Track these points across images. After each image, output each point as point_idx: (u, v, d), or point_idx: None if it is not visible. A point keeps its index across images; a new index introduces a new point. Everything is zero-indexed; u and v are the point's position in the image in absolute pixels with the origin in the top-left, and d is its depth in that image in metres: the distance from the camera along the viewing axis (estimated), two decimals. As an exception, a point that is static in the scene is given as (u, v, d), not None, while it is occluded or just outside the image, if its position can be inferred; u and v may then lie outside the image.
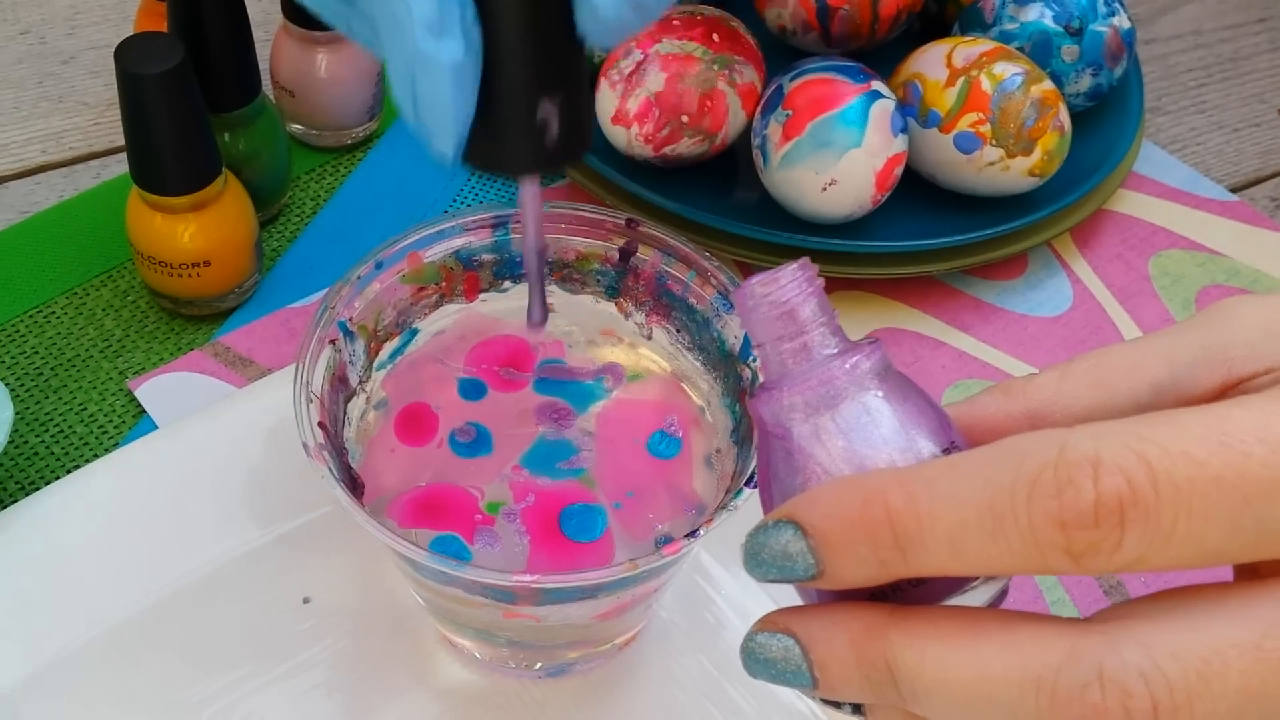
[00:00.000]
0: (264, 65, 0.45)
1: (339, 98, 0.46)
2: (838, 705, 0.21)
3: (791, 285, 0.21)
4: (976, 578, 0.20)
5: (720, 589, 0.36)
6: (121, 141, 0.47)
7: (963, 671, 0.19)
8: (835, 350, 0.21)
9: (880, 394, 0.21)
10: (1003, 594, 0.21)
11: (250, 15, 0.42)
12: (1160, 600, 0.19)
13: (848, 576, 0.19)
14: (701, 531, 0.28)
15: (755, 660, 0.21)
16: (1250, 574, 0.19)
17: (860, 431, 0.20)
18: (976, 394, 0.22)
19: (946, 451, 0.21)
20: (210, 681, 0.33)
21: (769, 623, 0.21)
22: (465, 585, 0.28)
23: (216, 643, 0.34)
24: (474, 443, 0.32)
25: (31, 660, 0.33)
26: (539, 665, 0.34)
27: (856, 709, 0.21)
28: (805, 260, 0.22)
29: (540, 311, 0.26)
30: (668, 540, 0.30)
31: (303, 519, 0.35)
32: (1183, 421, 0.18)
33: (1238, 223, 0.48)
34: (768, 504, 0.22)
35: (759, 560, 0.20)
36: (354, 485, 0.30)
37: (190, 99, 0.37)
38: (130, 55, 0.36)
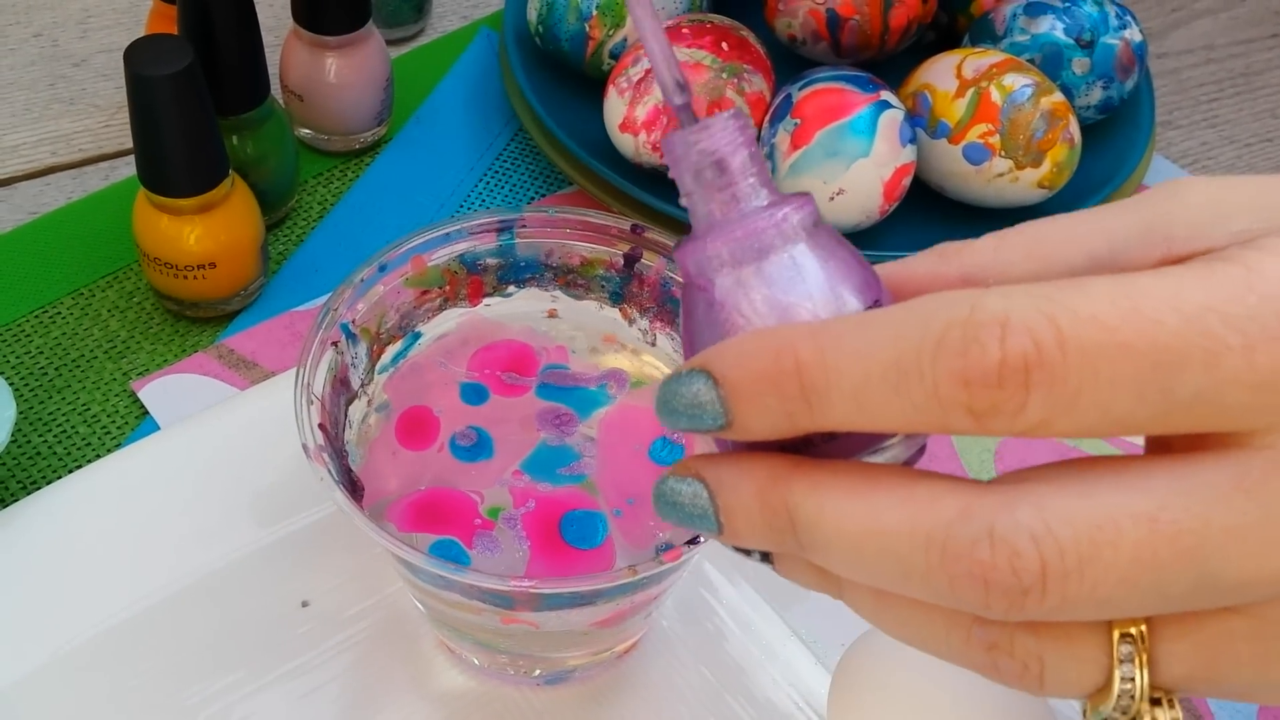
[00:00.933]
0: (274, 69, 0.46)
1: (348, 102, 0.47)
2: (747, 553, 0.21)
3: (723, 134, 0.20)
4: (889, 436, 0.20)
5: (722, 599, 0.35)
6: (131, 144, 0.47)
7: (857, 523, 0.19)
8: (765, 202, 0.20)
9: (807, 248, 0.20)
10: (919, 453, 0.21)
11: (260, 19, 0.42)
12: (1061, 467, 0.19)
13: (755, 428, 0.19)
14: (702, 539, 0.27)
15: (665, 503, 0.21)
16: (1162, 448, 0.19)
17: (784, 285, 0.20)
18: (911, 255, 0.22)
19: (871, 309, 0.20)
20: (207, 684, 0.33)
21: (681, 467, 0.21)
22: (463, 590, 0.28)
23: (214, 645, 0.34)
24: (475, 447, 0.32)
25: (30, 659, 0.33)
26: (538, 672, 0.33)
27: (765, 557, 0.21)
28: (737, 109, 0.21)
29: (676, 88, 0.21)
30: (668, 547, 0.30)
31: (302, 523, 0.35)
32: (1096, 287, 0.18)
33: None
34: (689, 356, 0.21)
35: (670, 409, 0.20)
36: (354, 488, 0.30)
37: (199, 101, 0.37)
38: (140, 57, 0.37)
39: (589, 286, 0.34)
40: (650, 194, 0.44)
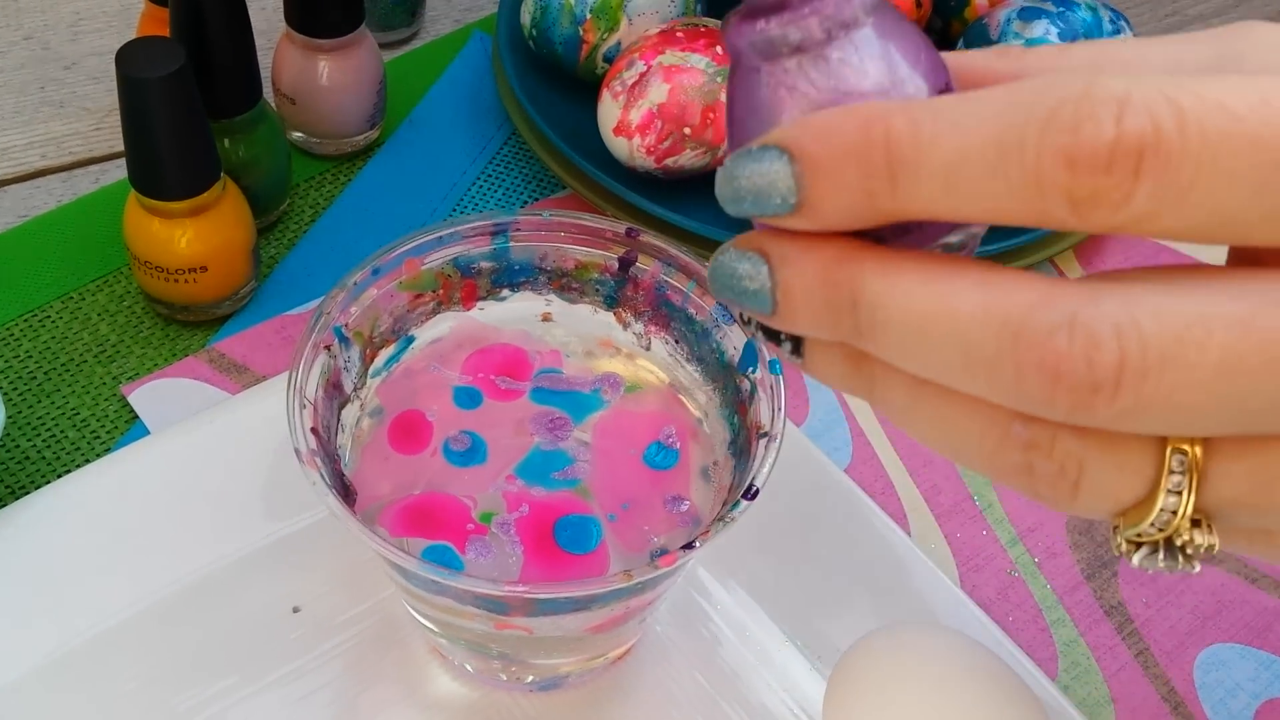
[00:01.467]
0: (266, 72, 0.45)
1: (341, 106, 0.46)
2: (778, 341, 0.20)
3: None
4: (959, 238, 0.19)
5: (716, 604, 0.35)
6: (121, 147, 0.47)
7: (929, 303, 0.18)
8: None
9: (875, 27, 0.19)
10: None
11: (253, 22, 0.41)
12: (1149, 271, 0.18)
13: (827, 211, 0.18)
14: (697, 544, 0.27)
15: (720, 276, 0.20)
16: (1251, 262, 0.18)
17: (851, 65, 0.19)
18: (968, 51, 0.21)
19: (941, 94, 0.19)
20: (199, 689, 0.33)
21: (744, 241, 0.19)
22: (456, 595, 0.28)
23: (206, 650, 0.33)
24: (468, 451, 0.31)
25: (20, 665, 0.32)
26: (531, 678, 0.33)
27: (796, 348, 0.20)
28: None
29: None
30: (663, 552, 0.30)
31: (293, 528, 0.35)
32: (1220, 79, 0.16)
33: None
34: (734, 149, 0.20)
35: (734, 189, 0.18)
36: (346, 492, 0.29)
37: (190, 104, 0.37)
38: (131, 59, 0.36)
39: (583, 290, 0.34)
40: (644, 198, 0.44)
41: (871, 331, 0.18)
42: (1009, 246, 0.44)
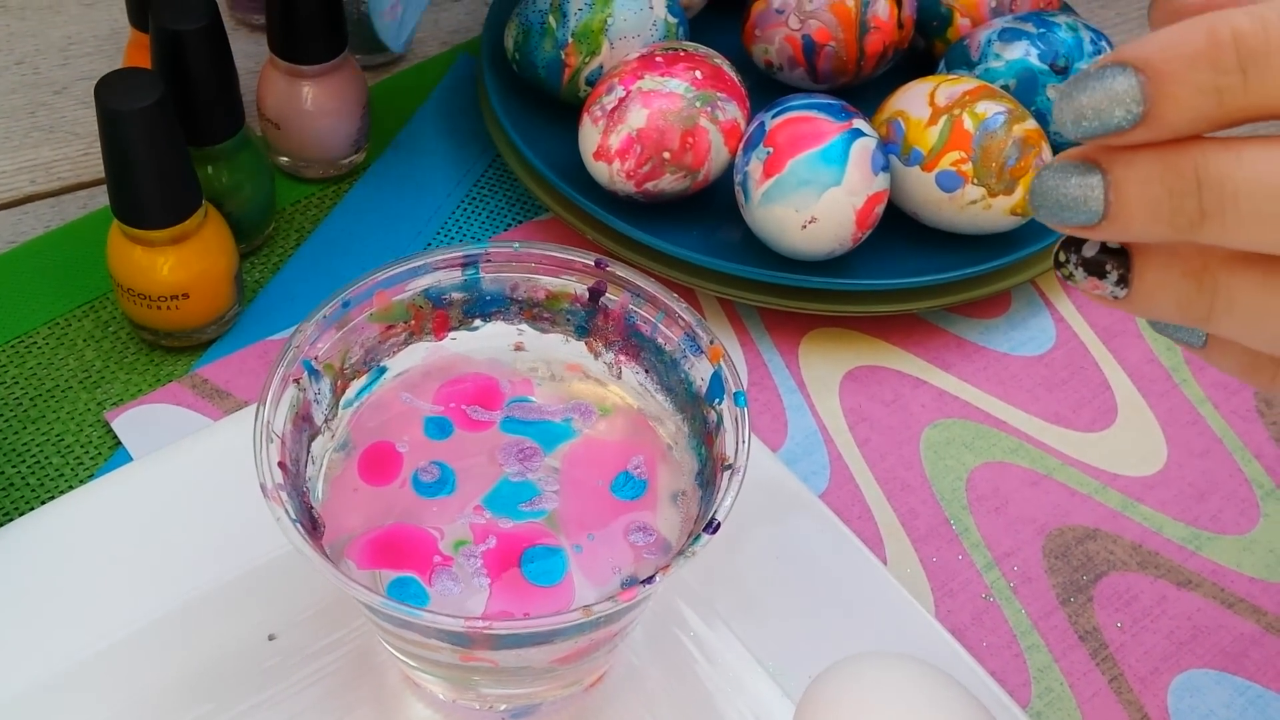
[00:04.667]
0: (250, 98, 0.46)
1: (325, 130, 0.47)
2: (1103, 274, 0.20)
3: None
4: None
5: (690, 630, 0.35)
6: (109, 172, 0.47)
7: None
8: None
9: None
10: None
11: (237, 48, 0.42)
12: None
13: (1175, 115, 0.19)
14: (658, 578, 0.27)
15: (1045, 189, 0.20)
16: None
17: None
18: None
19: None
20: (174, 716, 0.33)
21: (1070, 155, 0.20)
22: (420, 629, 0.28)
23: (181, 678, 0.34)
24: (436, 483, 0.32)
25: (-4, 694, 0.33)
26: (504, 707, 0.33)
27: (1122, 279, 0.20)
28: None
29: None
30: (627, 584, 0.30)
31: (269, 556, 0.35)
32: None
33: None
34: None
35: (1076, 109, 0.19)
36: (314, 525, 0.30)
37: (170, 134, 0.38)
38: (110, 90, 0.37)
39: (554, 320, 0.34)
40: (625, 221, 0.44)
41: (1220, 209, 0.19)
42: (995, 267, 0.44)
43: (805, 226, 0.42)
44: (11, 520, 0.37)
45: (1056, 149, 0.46)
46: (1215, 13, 0.19)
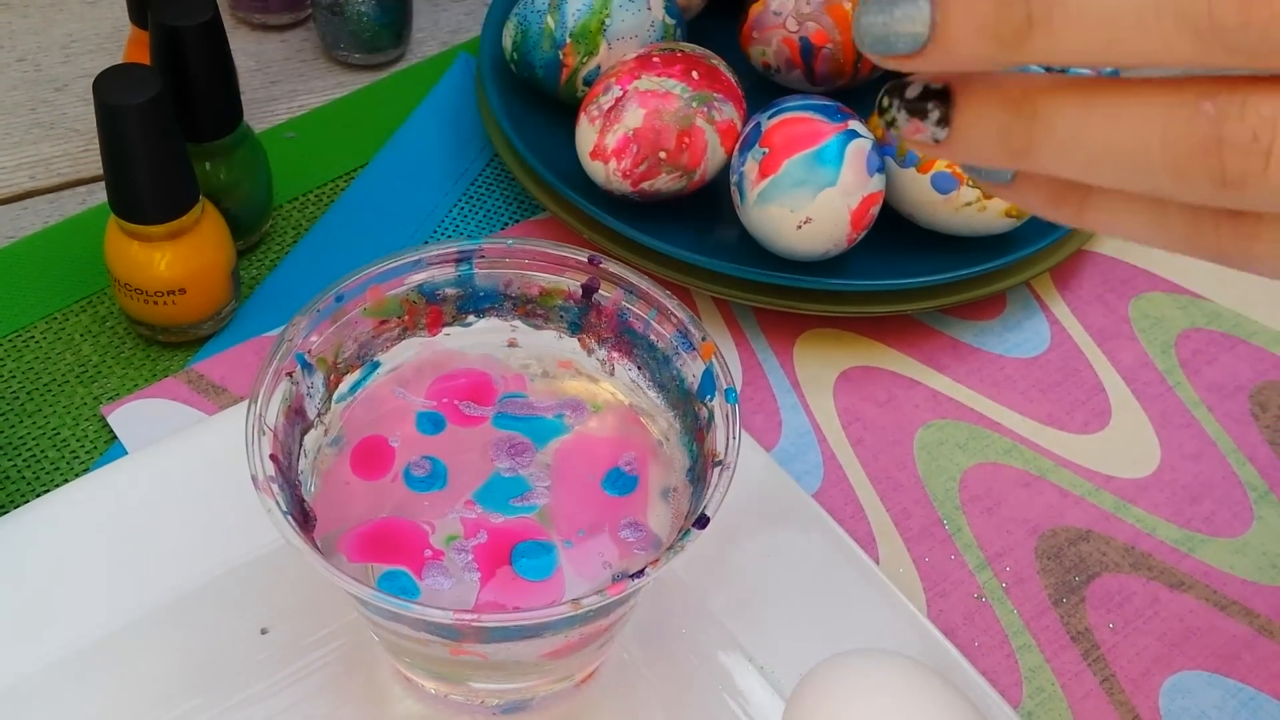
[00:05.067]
0: (249, 96, 0.46)
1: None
2: (924, 115, 0.20)
3: None
4: None
5: (682, 627, 0.35)
6: (108, 168, 0.47)
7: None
8: None
9: None
10: None
11: (236, 46, 0.42)
12: None
13: (960, 49, 0.19)
14: (647, 572, 0.28)
15: (869, 15, 0.20)
16: None
17: None
18: None
19: None
20: (165, 710, 0.33)
21: None
22: (410, 622, 0.28)
23: (173, 671, 0.34)
24: (428, 477, 0.32)
25: (-12, 685, 0.33)
26: (495, 702, 0.33)
27: (943, 119, 0.20)
28: None
29: None
30: (617, 579, 0.30)
31: (263, 550, 0.35)
32: None
33: (1220, 266, 0.48)
34: None
35: (870, 10, 0.19)
36: (305, 518, 0.30)
37: (167, 130, 0.38)
38: (108, 86, 0.37)
39: (548, 316, 0.34)
40: (621, 221, 0.44)
41: (1046, 16, 0.18)
42: (990, 269, 0.44)
43: (800, 227, 0.42)
44: (7, 512, 0.37)
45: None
46: None
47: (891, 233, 0.44)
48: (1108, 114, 0.19)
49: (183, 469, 0.38)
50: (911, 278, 0.44)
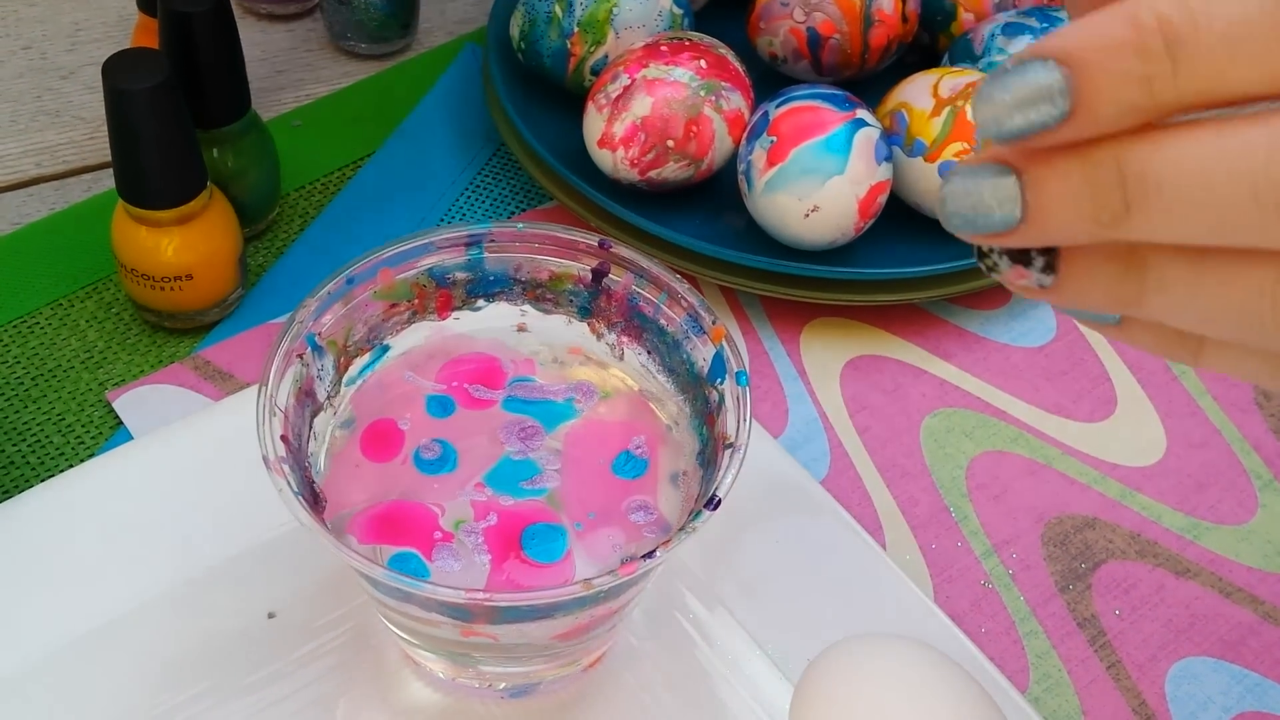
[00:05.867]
0: (256, 85, 0.46)
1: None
2: (1028, 263, 0.19)
3: None
4: None
5: (689, 612, 0.35)
6: (114, 156, 0.47)
7: (1205, 149, 0.17)
8: None
9: None
10: None
11: (244, 34, 0.42)
12: None
13: (1104, 108, 0.18)
14: (658, 553, 0.28)
15: (957, 197, 0.19)
16: None
17: None
18: None
19: None
20: (173, 694, 0.33)
21: (975, 159, 0.19)
22: (421, 603, 0.28)
23: (180, 655, 0.34)
24: (438, 459, 0.32)
25: (-4, 668, 0.33)
26: (503, 685, 0.33)
27: (1049, 265, 0.19)
28: None
29: None
30: (626, 561, 0.30)
31: (270, 534, 0.35)
32: None
33: None
34: None
35: (994, 105, 0.18)
36: (315, 500, 0.30)
37: (176, 115, 0.38)
38: (118, 71, 0.37)
39: (557, 301, 0.34)
40: (627, 209, 0.44)
41: (1144, 200, 0.18)
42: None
43: (808, 215, 0.42)
44: (12, 497, 0.37)
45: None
46: (1134, 0, 0.18)
47: (898, 221, 0.45)
48: (1218, 275, 0.19)
49: (189, 454, 0.37)
50: (918, 266, 0.44)
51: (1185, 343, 0.21)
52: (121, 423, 0.40)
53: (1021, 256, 0.20)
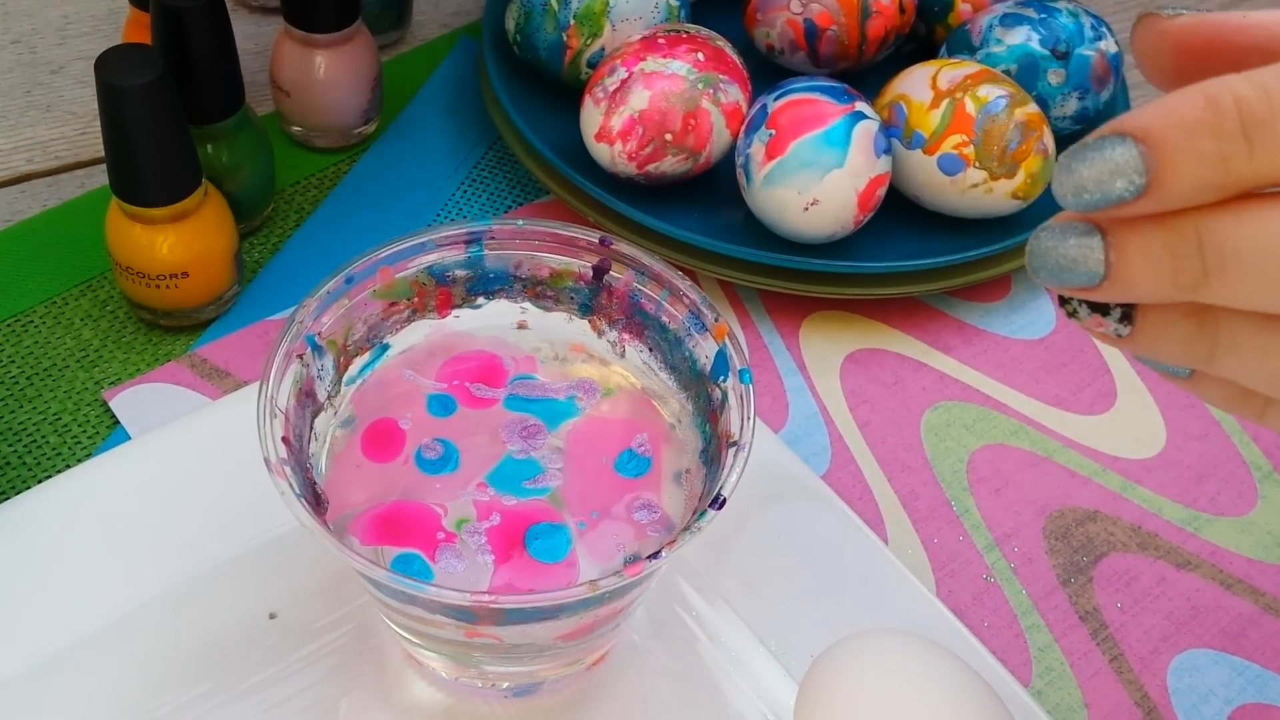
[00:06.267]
0: (250, 78, 0.45)
1: (336, 99, 0.47)
2: (1105, 313, 0.21)
3: None
4: None
5: (692, 609, 0.35)
6: (107, 152, 0.47)
7: None
8: None
9: None
10: None
11: (238, 29, 0.42)
12: None
13: (1180, 185, 0.18)
14: (664, 553, 0.27)
15: (1043, 253, 0.20)
16: None
17: None
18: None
19: None
20: (174, 696, 0.33)
21: (1064, 217, 0.20)
22: (425, 604, 0.28)
23: (181, 657, 0.33)
24: (440, 459, 0.32)
25: (-5, 671, 0.33)
26: (506, 684, 0.33)
27: (1125, 316, 0.20)
28: None
29: None
30: (631, 561, 0.30)
31: (270, 534, 0.35)
32: None
33: None
34: None
35: (1075, 178, 0.19)
36: (317, 501, 0.30)
37: (170, 111, 0.37)
38: (111, 67, 0.36)
39: (558, 298, 0.34)
40: (626, 203, 0.44)
41: (1221, 269, 0.19)
42: (996, 251, 0.44)
43: (807, 209, 0.42)
44: (8, 499, 0.37)
45: (1058, 135, 0.46)
46: (1212, 80, 0.19)
47: (898, 214, 0.44)
48: None
49: (188, 453, 0.37)
50: (918, 259, 0.44)
51: (1252, 401, 0.22)
52: (118, 422, 0.40)
53: (1100, 307, 0.21)
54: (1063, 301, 0.22)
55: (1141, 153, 0.19)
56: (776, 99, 0.42)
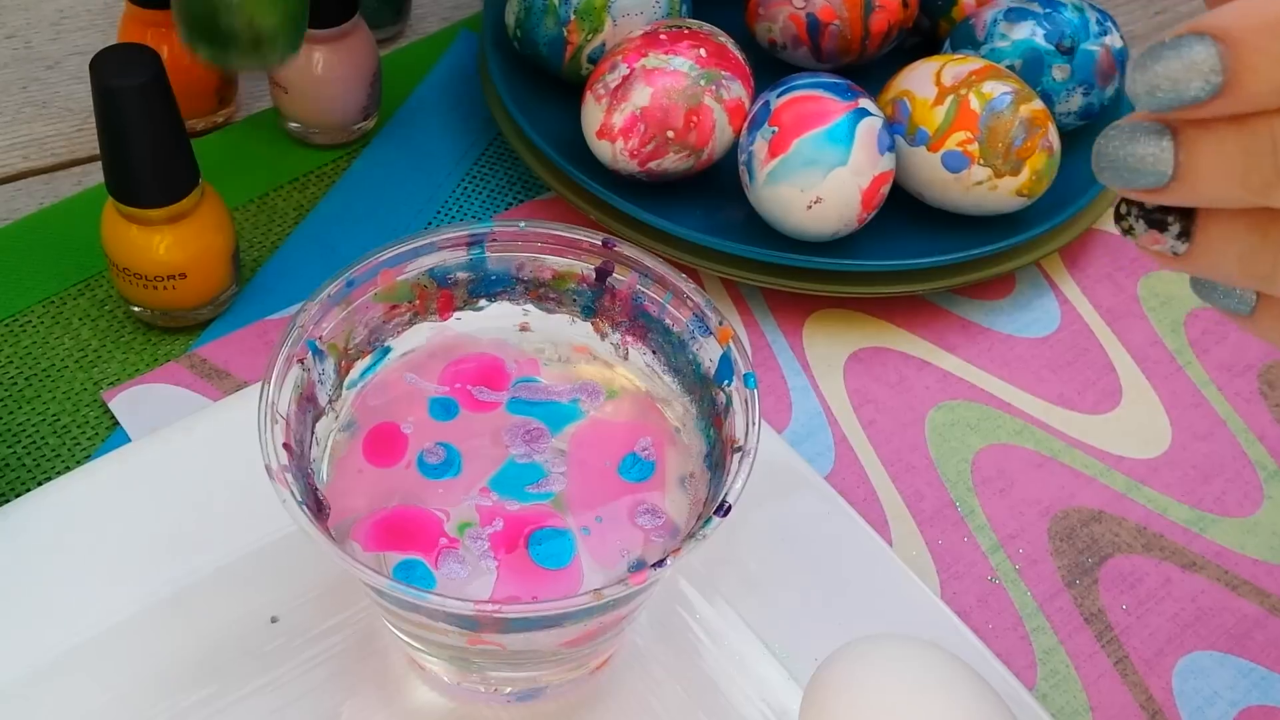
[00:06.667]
0: (245, 77, 0.45)
1: (335, 95, 0.46)
2: (1164, 228, 0.20)
3: None
4: None
5: (695, 613, 0.35)
6: (104, 149, 0.46)
7: None
8: None
9: None
10: None
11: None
12: None
13: (1257, 86, 0.18)
14: (669, 561, 0.27)
15: (1111, 151, 0.20)
16: None
17: None
18: None
19: None
20: (176, 699, 0.33)
21: (1135, 117, 0.20)
22: (428, 613, 0.28)
23: (183, 660, 0.33)
24: (442, 464, 0.31)
25: (-5, 677, 0.32)
26: (509, 689, 0.33)
27: (1184, 232, 0.20)
28: None
29: None
30: (635, 568, 0.30)
31: (272, 537, 0.35)
32: None
33: None
34: None
35: (1149, 76, 0.19)
36: (319, 507, 0.29)
37: (167, 111, 0.37)
38: (107, 67, 0.36)
39: (561, 300, 0.34)
40: (627, 201, 0.44)
41: None
42: (1000, 249, 0.44)
43: (810, 206, 0.41)
44: (8, 501, 0.36)
45: (1063, 131, 0.45)
46: None
47: (901, 212, 0.44)
48: None
49: (189, 455, 0.37)
50: (922, 257, 0.43)
51: None
52: (118, 423, 0.39)
53: (1157, 221, 0.20)
54: (1118, 218, 0.21)
55: (1220, 52, 0.18)
56: (779, 95, 0.42)
